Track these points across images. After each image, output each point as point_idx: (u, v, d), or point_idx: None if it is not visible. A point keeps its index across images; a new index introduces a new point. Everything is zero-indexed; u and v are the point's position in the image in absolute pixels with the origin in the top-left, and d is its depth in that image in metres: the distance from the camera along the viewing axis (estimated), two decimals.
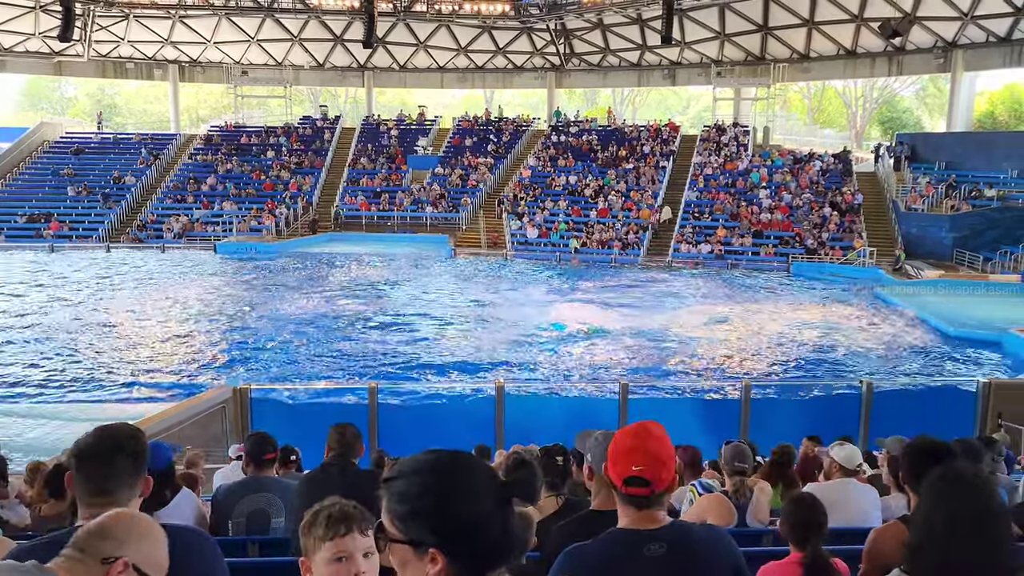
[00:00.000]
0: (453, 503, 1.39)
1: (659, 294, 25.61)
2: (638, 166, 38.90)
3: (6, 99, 76.59)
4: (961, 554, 2.06)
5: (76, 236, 35.29)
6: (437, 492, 1.39)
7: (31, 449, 10.63)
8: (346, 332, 19.24)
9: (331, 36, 45.69)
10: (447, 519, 1.38)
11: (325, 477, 3.71)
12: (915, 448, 3.13)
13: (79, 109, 72.55)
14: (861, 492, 4.51)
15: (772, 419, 10.98)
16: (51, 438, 11.66)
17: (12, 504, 5.30)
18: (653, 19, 39.71)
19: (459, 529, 1.38)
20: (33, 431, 12.18)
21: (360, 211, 37.69)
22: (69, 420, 12.50)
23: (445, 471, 1.42)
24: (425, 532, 1.38)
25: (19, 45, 43.23)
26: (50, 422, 12.57)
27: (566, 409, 12.03)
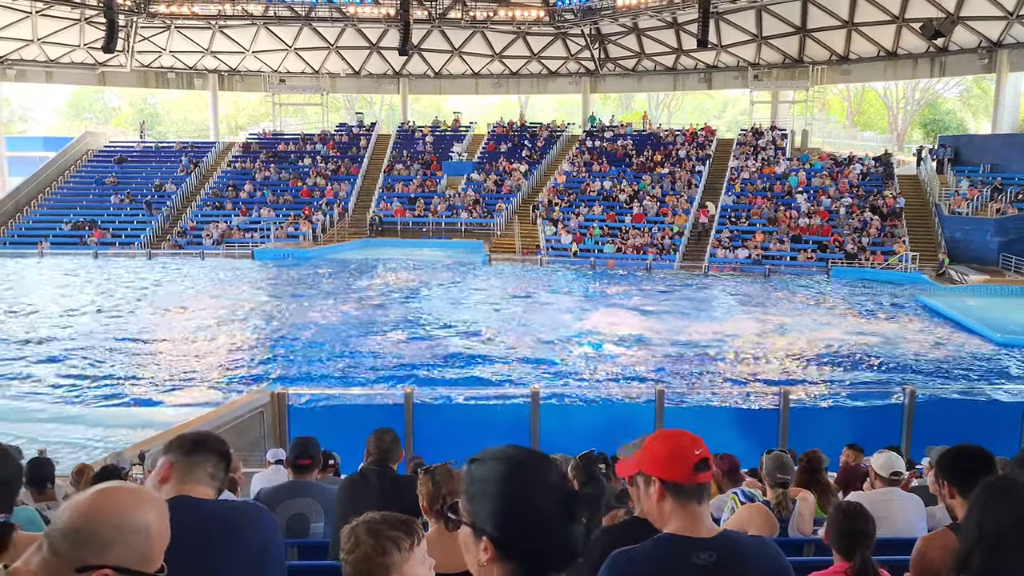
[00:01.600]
0: (516, 499, 1.43)
1: (695, 300, 25.40)
2: (673, 171, 38.65)
3: (52, 110, 78.62)
4: (1013, 562, 2.01)
5: (119, 243, 36.01)
6: (504, 485, 1.44)
7: (75, 451, 10.85)
8: (382, 338, 19.35)
9: (367, 44, 46.14)
10: (506, 513, 1.43)
11: (364, 483, 3.72)
12: (963, 455, 3.03)
13: (122, 119, 74.13)
14: (905, 501, 4.41)
15: (811, 427, 10.81)
16: (95, 441, 11.90)
17: (57, 505, 5.40)
18: (689, 22, 39.48)
19: (515, 525, 1.42)
20: (77, 434, 12.42)
21: (395, 217, 37.95)
22: (113, 425, 12.74)
23: (518, 467, 1.47)
24: (485, 519, 1.44)
25: (65, 56, 44.33)
26: (93, 427, 12.82)
27: (601, 416, 11.96)
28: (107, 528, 1.41)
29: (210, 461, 2.48)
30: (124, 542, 1.41)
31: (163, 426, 10.75)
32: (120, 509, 1.44)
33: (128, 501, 1.46)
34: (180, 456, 2.45)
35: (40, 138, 60.91)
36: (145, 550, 1.44)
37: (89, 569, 1.38)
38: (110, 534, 1.40)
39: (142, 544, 1.43)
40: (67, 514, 1.43)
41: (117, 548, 1.40)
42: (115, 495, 1.46)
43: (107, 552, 1.39)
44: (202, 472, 2.45)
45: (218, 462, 2.51)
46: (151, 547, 1.45)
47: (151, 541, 1.45)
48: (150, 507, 1.48)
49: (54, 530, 1.42)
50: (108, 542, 1.40)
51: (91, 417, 13.43)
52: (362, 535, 1.97)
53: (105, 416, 13.47)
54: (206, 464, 2.46)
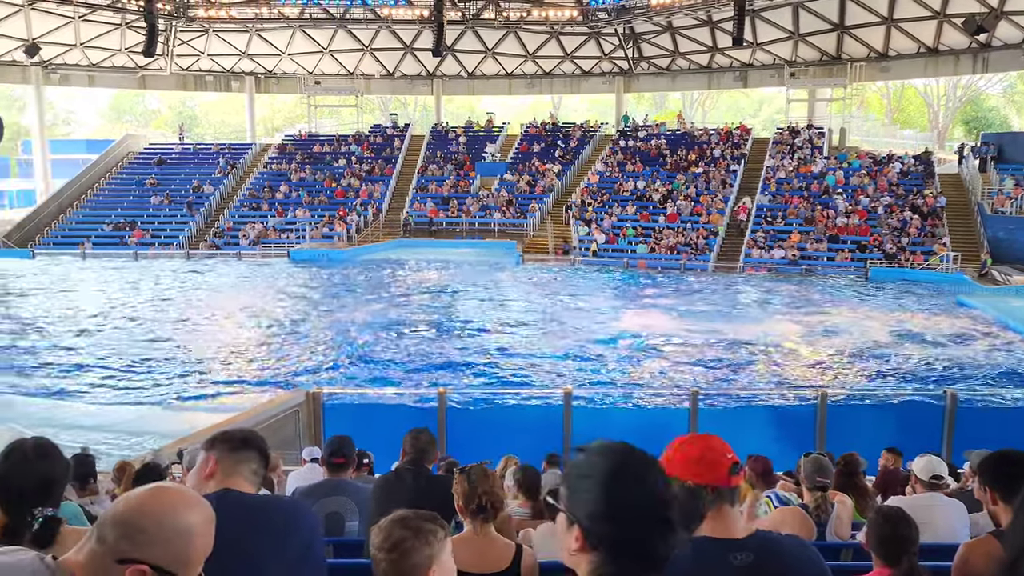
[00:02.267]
0: (610, 493, 1.45)
1: (730, 300, 25.17)
2: (708, 170, 38.34)
3: (95, 113, 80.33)
4: None
5: (158, 243, 36.65)
6: (602, 478, 1.46)
7: (114, 449, 11.06)
8: (415, 337, 19.45)
9: (401, 45, 46.43)
10: (599, 505, 1.45)
11: (399, 482, 3.75)
12: (1005, 460, 2.96)
13: (162, 121, 75.50)
14: (947, 507, 4.32)
15: (849, 430, 10.64)
16: (134, 439, 12.12)
17: (100, 500, 5.52)
18: (724, 20, 39.15)
19: (606, 518, 1.44)
20: (116, 432, 12.66)
21: (429, 217, 38.14)
22: (151, 423, 12.96)
23: (619, 463, 1.49)
24: (579, 508, 1.47)
25: (106, 60, 45.25)
26: (132, 424, 13.06)
27: (635, 418, 11.90)
28: (152, 524, 1.44)
29: (254, 459, 2.51)
30: (166, 541, 1.44)
31: (200, 424, 10.92)
32: (168, 509, 1.47)
33: (177, 502, 1.49)
34: (225, 452, 2.48)
35: (83, 141, 62.43)
36: (186, 553, 1.46)
37: (128, 562, 1.41)
38: (154, 531, 1.44)
39: (183, 547, 1.46)
40: (120, 506, 1.49)
41: (158, 547, 1.43)
42: (166, 495, 1.51)
43: (148, 548, 1.43)
44: (246, 469, 2.48)
45: (260, 460, 2.54)
46: (192, 551, 1.47)
47: (192, 545, 1.47)
48: (197, 512, 1.51)
49: (104, 519, 1.47)
50: (151, 539, 1.43)
51: (130, 415, 13.68)
52: (400, 530, 1.99)
53: (144, 414, 13.71)
54: (250, 462, 2.50)
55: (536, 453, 7.41)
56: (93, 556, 1.45)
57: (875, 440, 8.74)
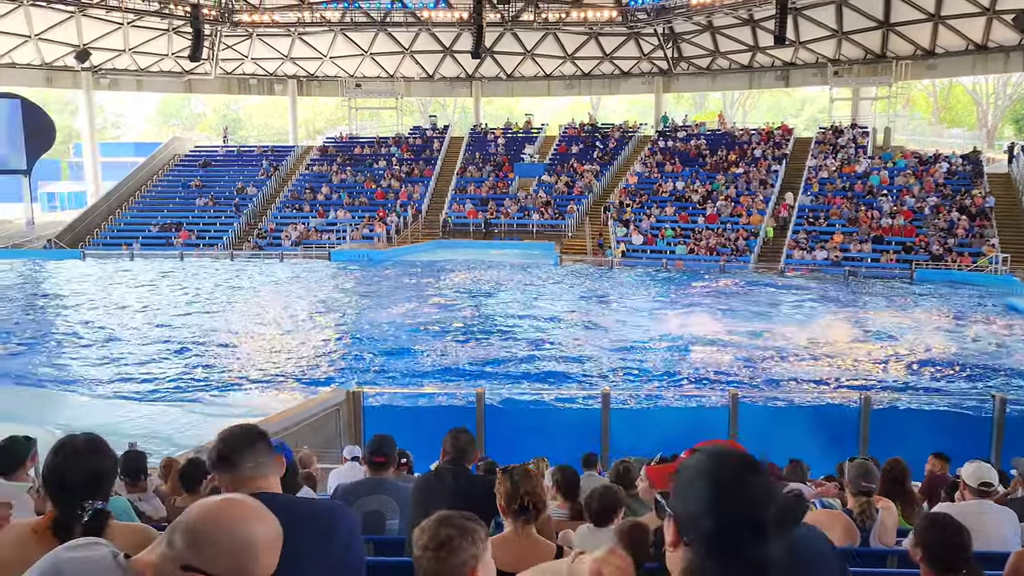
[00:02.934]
0: (701, 491, 1.46)
1: (771, 302, 24.85)
2: (748, 170, 37.91)
3: (142, 116, 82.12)
4: None
5: (203, 244, 37.30)
6: (697, 475, 1.48)
7: (159, 446, 11.29)
8: (454, 338, 19.54)
9: (441, 48, 46.68)
10: (693, 502, 1.46)
11: (439, 481, 3.77)
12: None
13: (207, 124, 76.91)
14: (998, 514, 4.22)
15: (893, 434, 10.45)
16: (177, 436, 12.36)
17: (148, 497, 5.64)
18: (765, 19, 38.68)
19: (696, 513, 1.45)
20: (161, 429, 12.93)
21: (467, 219, 38.28)
22: (196, 420, 13.21)
23: (719, 463, 1.49)
24: (676, 503, 1.50)
25: (154, 65, 46.25)
26: (176, 422, 13.32)
27: (674, 418, 11.82)
28: (220, 536, 1.45)
29: (253, 463, 2.36)
30: (230, 554, 1.44)
31: (246, 419, 11.07)
32: (238, 522, 1.48)
33: (248, 517, 1.50)
34: (223, 468, 2.36)
35: (131, 144, 63.84)
36: (249, 569, 1.46)
37: (192, 570, 1.42)
38: (220, 542, 1.44)
39: (247, 562, 1.46)
40: (192, 513, 1.50)
41: (222, 559, 1.44)
42: (238, 508, 1.51)
43: (212, 560, 1.43)
44: (252, 476, 2.35)
45: (262, 455, 2.38)
46: (256, 567, 1.47)
47: (257, 561, 1.47)
48: (266, 528, 1.50)
49: (176, 524, 1.49)
50: (217, 551, 1.44)
51: (174, 412, 13.96)
52: (446, 529, 2.00)
53: (188, 412, 13.98)
54: (251, 468, 2.35)
55: (575, 454, 7.40)
56: (162, 559, 1.46)
57: (920, 445, 8.57)
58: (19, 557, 2.27)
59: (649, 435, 9.98)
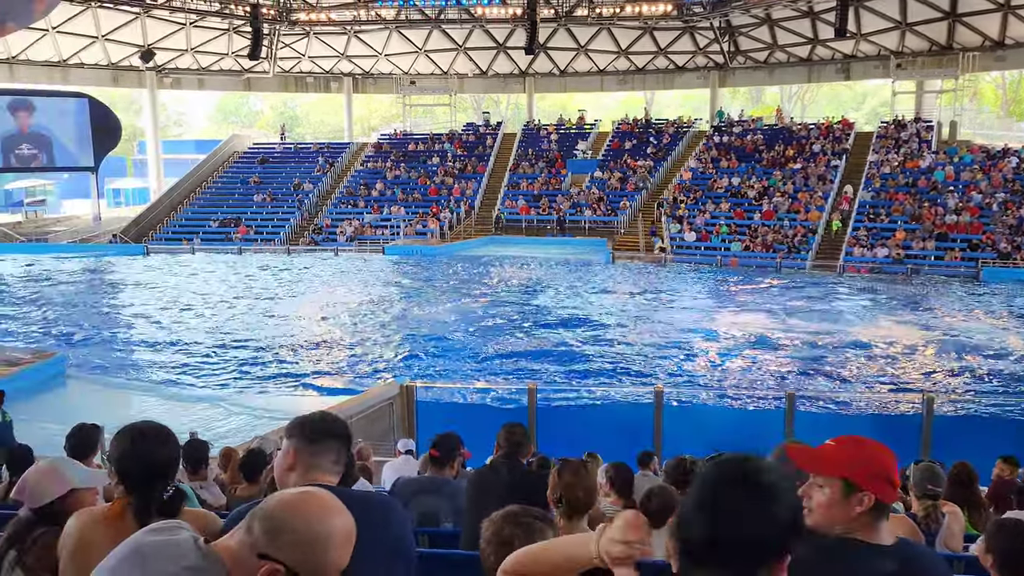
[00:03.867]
0: (697, 503, 1.46)
1: (830, 300, 24.34)
2: (807, 166, 37.15)
3: (203, 115, 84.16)
4: None
5: (261, 239, 38.07)
6: (703, 481, 1.49)
7: (219, 436, 11.57)
8: (506, 333, 19.60)
9: (494, 44, 46.77)
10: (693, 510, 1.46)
11: (494, 475, 3.80)
12: None
13: (265, 122, 78.41)
14: None
15: (957, 437, 10.15)
16: (238, 425, 12.66)
17: (209, 486, 5.79)
18: (826, 11, 37.83)
19: (688, 520, 1.46)
20: (220, 418, 13.25)
21: (520, 215, 38.32)
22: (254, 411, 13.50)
23: (727, 466, 1.48)
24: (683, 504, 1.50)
25: (215, 65, 47.34)
26: (236, 412, 13.63)
27: (728, 419, 11.68)
28: (296, 526, 1.48)
29: (333, 448, 2.38)
30: (305, 544, 1.48)
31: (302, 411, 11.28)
32: (315, 514, 1.51)
33: (325, 510, 1.53)
34: (304, 444, 2.36)
35: (192, 141, 65.45)
36: (322, 561, 1.49)
37: (268, 558, 1.46)
38: (296, 533, 1.47)
39: (320, 554, 1.49)
40: (273, 501, 1.54)
41: (296, 549, 1.47)
42: (316, 500, 1.54)
43: (287, 549, 1.47)
44: (326, 460, 2.36)
45: (340, 448, 2.41)
46: (328, 560, 1.50)
47: (329, 555, 1.50)
48: (341, 522, 1.54)
49: (256, 511, 1.53)
50: (291, 540, 1.47)
51: (233, 403, 14.29)
52: (510, 527, 2.01)
53: (247, 402, 14.30)
54: (330, 452, 2.37)
55: (627, 451, 7.37)
56: (240, 545, 1.50)
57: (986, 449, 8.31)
58: (93, 541, 2.36)
59: (703, 435, 9.87)
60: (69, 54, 42.62)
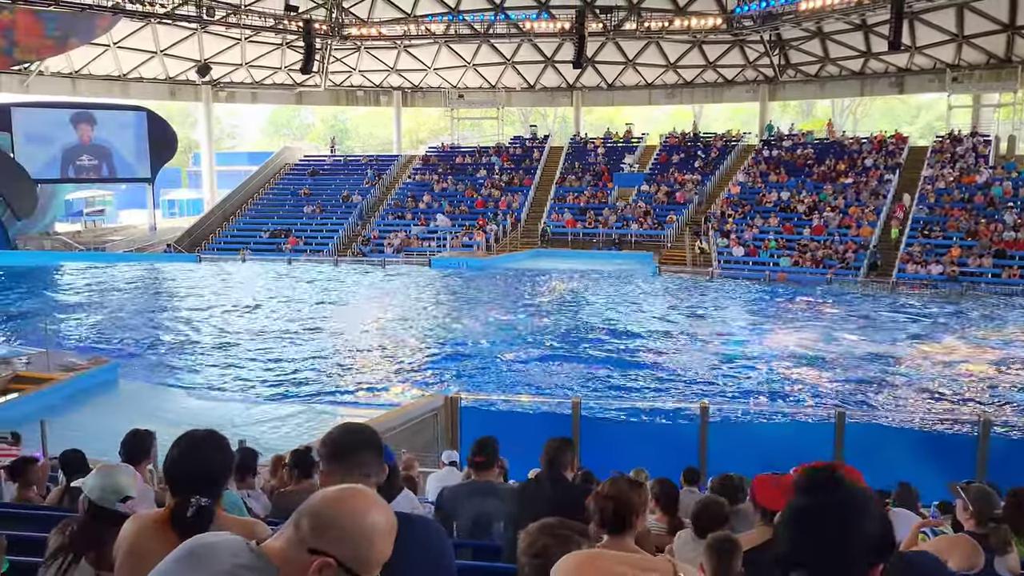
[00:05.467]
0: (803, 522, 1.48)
1: (881, 317, 23.81)
2: (858, 180, 36.49)
3: (256, 127, 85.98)
4: None
5: (310, 250, 38.65)
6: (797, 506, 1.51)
7: (265, 446, 11.75)
8: (551, 346, 19.58)
9: (542, 58, 46.98)
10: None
11: (538, 488, 3.80)
12: None
13: (315, 134, 79.77)
14: None
15: (1016, 461, 9.84)
16: (281, 436, 12.84)
17: (256, 494, 5.89)
18: (879, 24, 37.20)
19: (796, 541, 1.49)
20: (266, 428, 13.46)
21: (566, 228, 38.29)
22: (300, 421, 13.70)
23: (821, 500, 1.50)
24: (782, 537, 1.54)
25: (268, 78, 48.40)
26: (282, 422, 13.83)
27: (775, 435, 11.48)
28: (342, 521, 1.54)
29: (361, 460, 2.30)
30: (352, 539, 1.54)
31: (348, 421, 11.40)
32: (359, 509, 1.57)
33: (368, 506, 1.59)
34: (331, 464, 2.31)
35: (245, 153, 66.86)
36: (368, 554, 1.55)
37: (318, 553, 1.52)
38: (343, 527, 1.54)
39: (367, 548, 1.55)
40: (317, 499, 1.59)
41: (344, 543, 1.54)
42: (359, 496, 1.61)
43: (336, 544, 1.53)
44: (357, 473, 2.26)
45: (370, 457, 2.34)
46: (374, 553, 1.56)
47: (375, 547, 1.56)
48: (384, 517, 1.60)
49: (302, 509, 1.59)
50: (339, 535, 1.53)
51: (278, 412, 14.51)
52: (546, 538, 2.02)
53: (294, 412, 14.51)
54: (361, 466, 2.29)
55: (671, 467, 7.30)
56: (288, 543, 1.57)
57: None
58: (144, 545, 2.42)
59: (749, 451, 9.73)
60: (129, 69, 43.98)
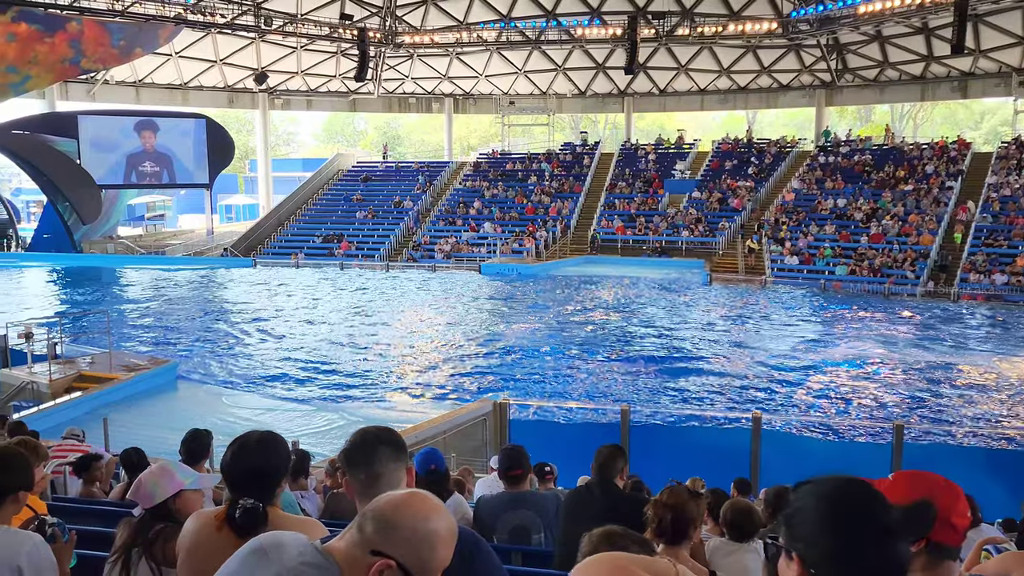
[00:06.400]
0: (831, 528, 1.44)
1: (942, 329, 23.15)
2: (919, 187, 35.58)
3: (310, 134, 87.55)
4: None
5: (362, 255, 39.15)
6: (821, 511, 1.46)
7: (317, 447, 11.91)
8: (600, 353, 19.49)
9: (593, 64, 46.90)
10: (819, 538, 1.45)
11: (589, 495, 3.79)
12: None
13: (368, 141, 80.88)
14: None
15: None
16: (331, 437, 13.00)
17: (309, 496, 5.99)
18: (941, 27, 36.25)
19: (827, 551, 1.44)
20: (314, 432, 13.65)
21: (616, 235, 38.12)
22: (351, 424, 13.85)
23: (841, 498, 1.47)
24: (798, 540, 1.48)
25: (323, 86, 49.29)
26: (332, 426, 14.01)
27: (830, 449, 11.25)
28: (405, 524, 1.56)
29: (378, 460, 2.19)
30: (414, 542, 1.55)
31: (398, 424, 11.52)
32: (421, 513, 1.58)
33: (430, 510, 1.60)
34: (353, 476, 2.22)
35: (299, 159, 68.17)
36: (429, 559, 1.56)
37: (380, 555, 1.54)
38: (405, 530, 1.56)
39: (428, 552, 1.56)
40: (383, 501, 1.62)
41: (406, 547, 1.55)
42: (422, 500, 1.62)
43: (398, 546, 1.55)
44: (384, 486, 2.14)
45: (388, 457, 2.21)
46: (434, 557, 1.57)
47: (436, 552, 1.57)
48: (445, 523, 1.60)
49: (366, 512, 1.61)
50: (401, 538, 1.55)
51: (329, 415, 14.70)
52: (604, 544, 2.02)
53: (344, 414, 14.69)
54: (374, 466, 2.18)
55: (722, 477, 7.20)
56: (352, 544, 1.60)
57: None
58: (204, 543, 2.49)
59: (803, 464, 9.53)
60: (189, 77, 45.22)
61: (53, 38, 32.82)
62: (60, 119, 40.20)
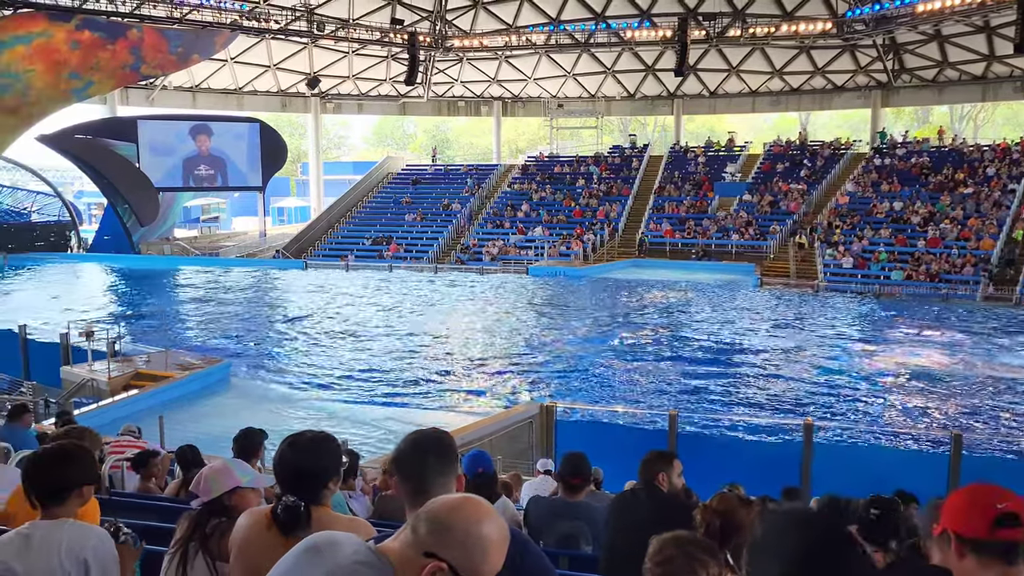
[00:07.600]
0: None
1: (1004, 336, 22.43)
2: (979, 190, 34.56)
3: (361, 137, 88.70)
4: None
5: (410, 257, 39.50)
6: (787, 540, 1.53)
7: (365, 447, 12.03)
8: (648, 357, 19.35)
9: (643, 67, 46.61)
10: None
11: (635, 500, 3.76)
12: None
13: (417, 144, 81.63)
14: None
15: None
16: (378, 438, 13.13)
17: (357, 496, 6.06)
18: (1003, 26, 35.18)
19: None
20: (368, 431, 13.79)
21: (664, 238, 37.79)
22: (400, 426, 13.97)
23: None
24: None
25: (373, 90, 49.90)
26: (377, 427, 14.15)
27: (885, 459, 10.98)
28: (458, 527, 1.57)
29: (437, 475, 2.18)
30: (467, 546, 1.57)
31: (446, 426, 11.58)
32: (475, 517, 1.60)
33: (483, 514, 1.61)
34: (398, 475, 2.24)
35: (350, 163, 69.08)
36: (481, 563, 1.57)
37: (433, 556, 1.56)
38: (458, 533, 1.57)
39: (480, 556, 1.57)
40: (437, 504, 1.64)
41: (459, 550, 1.56)
42: (476, 505, 1.63)
43: (451, 549, 1.56)
44: (439, 490, 2.12)
45: (445, 469, 2.21)
46: (487, 562, 1.58)
47: (488, 557, 1.58)
48: (498, 528, 1.61)
49: (422, 512, 1.63)
50: (454, 540, 1.56)
51: (377, 415, 14.85)
52: (672, 548, 2.02)
53: (393, 415, 14.83)
54: (425, 479, 2.16)
55: (771, 485, 7.08)
56: (405, 544, 1.62)
57: None
58: (255, 540, 2.54)
59: (855, 475, 9.32)
60: (244, 82, 46.19)
61: (114, 45, 33.78)
62: (120, 124, 41.42)
